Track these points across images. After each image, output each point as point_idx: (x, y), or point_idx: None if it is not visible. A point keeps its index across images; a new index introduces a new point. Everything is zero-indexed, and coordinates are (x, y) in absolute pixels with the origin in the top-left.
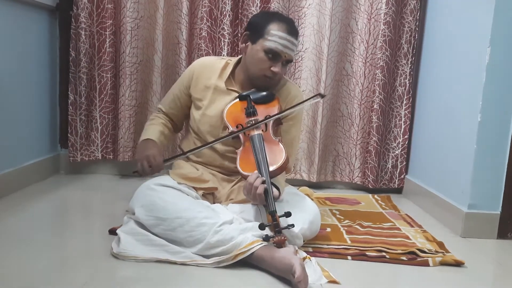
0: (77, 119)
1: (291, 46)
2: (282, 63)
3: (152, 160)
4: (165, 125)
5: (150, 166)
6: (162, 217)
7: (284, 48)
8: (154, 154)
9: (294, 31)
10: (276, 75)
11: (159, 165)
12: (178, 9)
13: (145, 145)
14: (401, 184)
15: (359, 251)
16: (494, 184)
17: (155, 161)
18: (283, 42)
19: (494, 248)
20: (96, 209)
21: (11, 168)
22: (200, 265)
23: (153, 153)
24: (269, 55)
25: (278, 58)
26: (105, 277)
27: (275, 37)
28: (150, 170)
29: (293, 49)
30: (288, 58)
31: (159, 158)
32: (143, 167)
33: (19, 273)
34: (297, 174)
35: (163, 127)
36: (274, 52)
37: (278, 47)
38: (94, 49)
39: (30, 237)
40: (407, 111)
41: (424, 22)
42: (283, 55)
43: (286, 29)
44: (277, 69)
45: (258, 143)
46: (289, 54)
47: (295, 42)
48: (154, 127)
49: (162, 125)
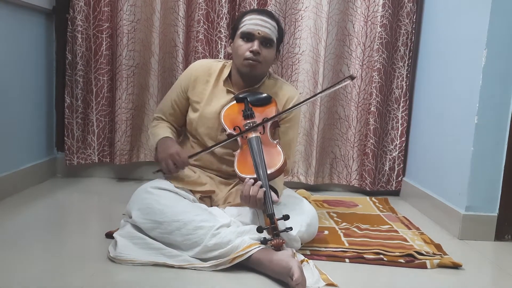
0: (74, 122)
1: (262, 23)
2: (262, 43)
3: (176, 157)
4: (170, 127)
5: (175, 163)
6: (159, 220)
7: (255, 25)
8: (177, 151)
9: (265, 12)
10: (256, 55)
11: (184, 162)
12: (174, 12)
13: (165, 143)
14: (398, 187)
15: (357, 253)
16: (491, 186)
17: (180, 158)
18: (253, 21)
19: (491, 250)
20: (92, 213)
21: (7, 172)
22: (198, 268)
23: (177, 151)
24: (244, 38)
25: (252, 37)
26: (101, 281)
27: (246, 21)
28: (174, 167)
29: (265, 26)
30: (263, 34)
31: (183, 155)
32: (167, 166)
33: (16, 277)
34: (294, 176)
35: (171, 127)
36: (247, 33)
37: (249, 27)
38: (90, 52)
39: (27, 241)
40: (404, 113)
41: (420, 24)
42: (256, 33)
43: (254, 13)
44: (254, 47)
45: (256, 146)
46: (262, 30)
47: (267, 20)
48: (163, 128)
49: (168, 128)
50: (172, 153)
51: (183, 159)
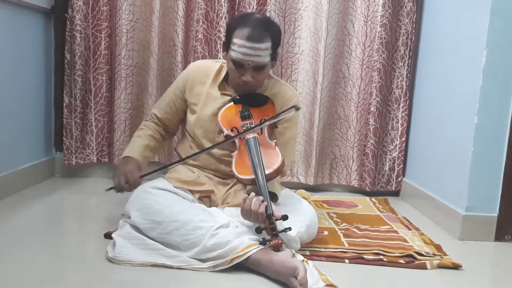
0: (72, 122)
1: (252, 52)
2: (254, 69)
3: (129, 176)
4: (152, 136)
5: (127, 182)
6: (158, 220)
7: (244, 56)
8: (131, 170)
9: (256, 35)
10: (248, 84)
11: (136, 181)
12: (174, 12)
13: (125, 161)
14: (398, 187)
15: (357, 254)
16: (491, 186)
17: (132, 177)
18: (242, 50)
19: (491, 250)
20: (91, 213)
21: (5, 172)
22: (196, 269)
23: (130, 169)
24: (236, 65)
25: (242, 67)
26: (100, 282)
27: (236, 46)
28: (126, 186)
29: (256, 54)
30: (254, 64)
31: (136, 174)
32: (120, 183)
33: (14, 277)
34: (294, 177)
35: (149, 139)
36: (236, 62)
37: (238, 57)
38: (89, 51)
39: (25, 241)
40: (404, 113)
41: (420, 24)
42: (246, 63)
43: (245, 35)
44: (245, 78)
45: (254, 147)
46: (252, 60)
47: (257, 47)
48: (139, 141)
49: (148, 138)
50: (126, 170)
51: (135, 178)
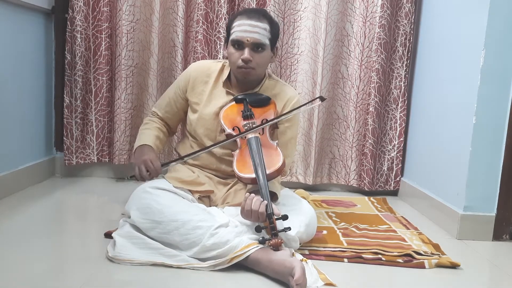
0: (73, 122)
1: (251, 29)
2: (253, 49)
3: (150, 164)
4: (160, 129)
5: (148, 170)
6: (158, 220)
7: (244, 32)
8: (151, 158)
9: (255, 14)
10: (248, 63)
11: (157, 170)
12: (174, 12)
13: (142, 150)
14: (396, 187)
15: (355, 253)
16: (489, 186)
17: (153, 166)
18: (242, 28)
19: (489, 250)
20: (91, 212)
21: (6, 171)
22: (196, 268)
23: (151, 158)
24: (235, 46)
25: (242, 44)
26: (100, 281)
27: (235, 28)
28: (147, 174)
29: (254, 31)
30: (253, 41)
31: (157, 163)
32: (140, 172)
33: (15, 277)
34: (293, 176)
35: (158, 131)
36: (236, 41)
37: (237, 35)
38: (89, 52)
39: (26, 241)
40: (402, 113)
41: (419, 25)
42: (245, 40)
43: (243, 16)
44: (245, 55)
45: (255, 146)
46: (251, 37)
47: (256, 24)
48: (149, 131)
49: (157, 130)
50: (146, 159)
51: (156, 167)
